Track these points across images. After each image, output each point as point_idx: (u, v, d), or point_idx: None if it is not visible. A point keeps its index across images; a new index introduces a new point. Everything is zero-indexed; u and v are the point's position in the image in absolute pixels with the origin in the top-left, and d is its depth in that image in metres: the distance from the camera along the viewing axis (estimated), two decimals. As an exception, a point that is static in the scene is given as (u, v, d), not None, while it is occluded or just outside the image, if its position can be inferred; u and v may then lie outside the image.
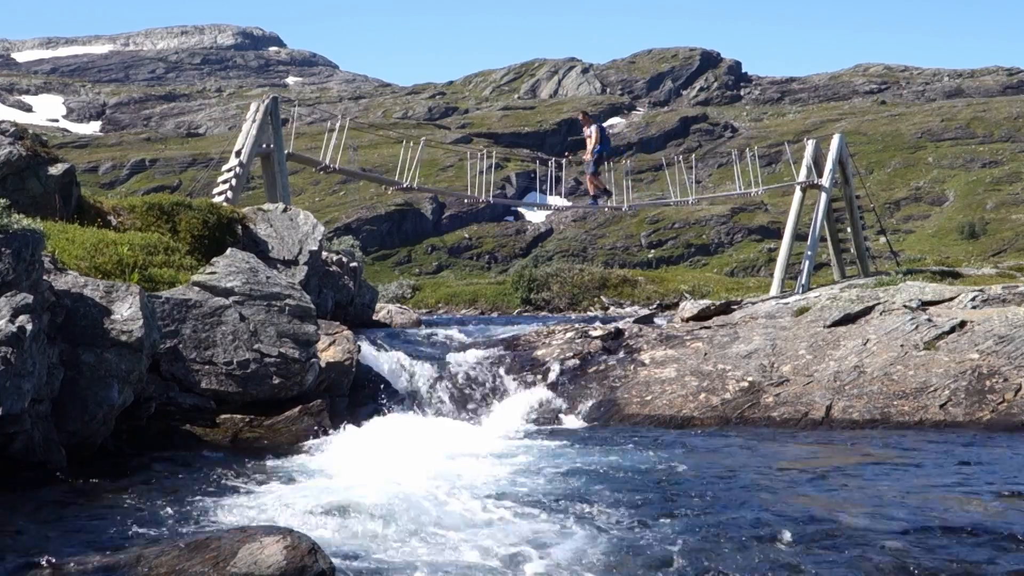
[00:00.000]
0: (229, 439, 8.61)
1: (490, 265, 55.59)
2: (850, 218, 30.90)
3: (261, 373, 8.92)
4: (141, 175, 67.44)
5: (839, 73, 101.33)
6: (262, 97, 19.82)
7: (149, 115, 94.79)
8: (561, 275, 36.51)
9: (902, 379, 10.63)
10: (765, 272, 46.40)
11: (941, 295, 13.55)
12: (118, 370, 7.35)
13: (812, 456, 8.50)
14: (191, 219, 13.02)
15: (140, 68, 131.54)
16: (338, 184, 62.04)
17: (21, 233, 6.92)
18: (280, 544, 4.48)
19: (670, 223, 57.74)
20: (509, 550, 5.19)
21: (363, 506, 5.99)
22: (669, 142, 76.83)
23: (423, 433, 9.24)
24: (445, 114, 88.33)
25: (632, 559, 5.05)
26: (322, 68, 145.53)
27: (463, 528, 5.61)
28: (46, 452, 6.74)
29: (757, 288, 34.95)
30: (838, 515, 6.02)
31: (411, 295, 40.47)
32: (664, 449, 8.69)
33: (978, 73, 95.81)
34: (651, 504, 6.30)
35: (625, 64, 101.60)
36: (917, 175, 65.28)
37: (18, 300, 6.54)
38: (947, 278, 27.66)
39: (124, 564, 4.57)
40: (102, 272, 9.40)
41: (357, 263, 16.58)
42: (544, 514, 6.00)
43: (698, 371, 11.39)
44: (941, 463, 7.86)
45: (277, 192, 20.01)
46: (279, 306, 9.33)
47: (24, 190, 11.32)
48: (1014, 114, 72.95)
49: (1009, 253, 48.42)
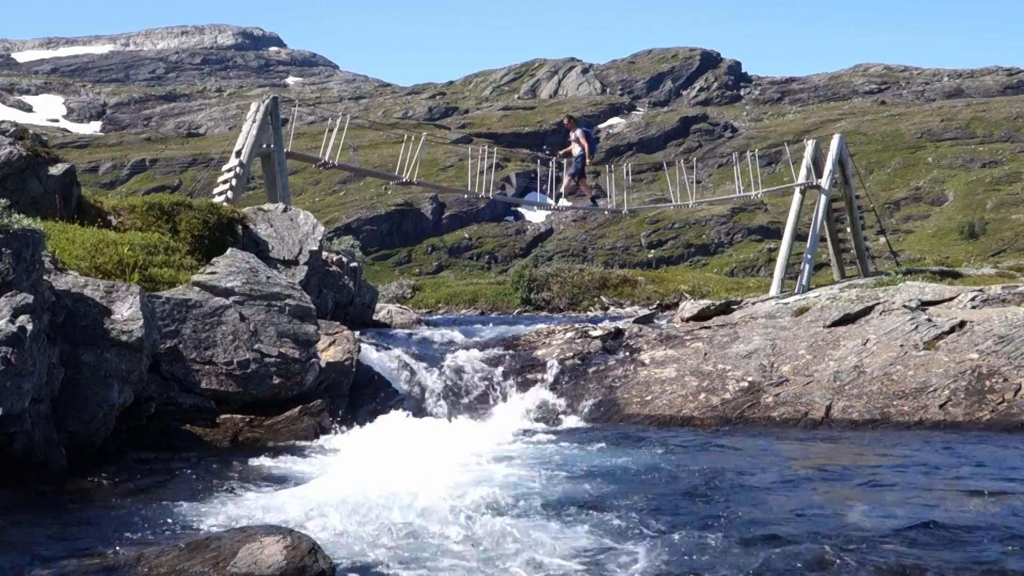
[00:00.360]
0: (229, 439, 8.61)
1: (490, 265, 55.59)
2: (850, 218, 30.89)
3: (261, 373, 8.92)
4: (141, 175, 67.44)
5: (839, 73, 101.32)
6: (262, 97, 19.82)
7: (149, 115, 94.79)
8: (561, 275, 36.49)
9: (902, 379, 10.63)
10: (765, 272, 46.39)
11: (941, 295, 13.56)
12: (118, 370, 7.36)
13: (812, 456, 8.51)
14: (191, 219, 13.02)
15: (140, 68, 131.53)
16: (338, 184, 62.06)
17: (21, 233, 6.92)
18: (280, 544, 4.49)
19: (670, 223, 57.73)
20: (510, 550, 5.20)
21: (363, 506, 6.00)
22: (669, 142, 76.82)
23: (423, 433, 9.24)
24: (445, 114, 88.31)
25: (632, 558, 5.06)
26: (322, 68, 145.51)
27: (463, 528, 5.61)
28: (46, 452, 6.74)
29: (757, 288, 34.94)
30: (838, 515, 6.03)
31: (411, 295, 40.46)
32: (664, 449, 8.69)
33: (978, 73, 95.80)
34: (651, 503, 6.30)
35: (625, 64, 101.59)
36: (917, 175, 65.28)
37: (18, 300, 6.55)
38: (947, 278, 27.65)
39: (124, 564, 4.58)
40: (102, 272, 9.40)
41: (357, 263, 16.59)
42: (544, 514, 6.01)
43: (698, 371, 11.40)
44: (941, 463, 7.86)
45: (277, 192, 20.01)
46: (279, 306, 9.33)
47: (24, 190, 11.33)
48: (1014, 114, 72.93)
49: (1009, 253, 48.40)
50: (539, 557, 5.08)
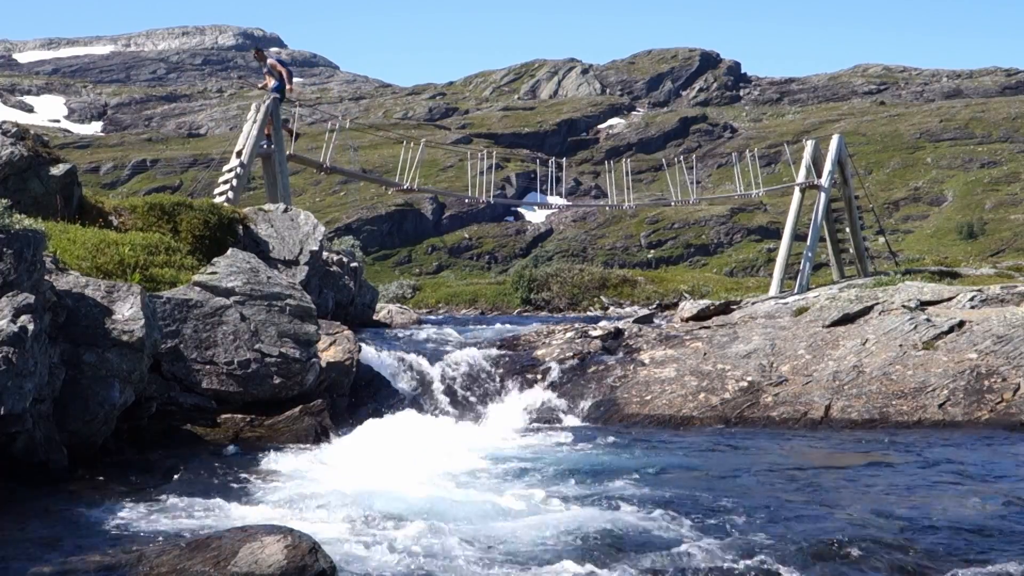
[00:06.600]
0: (230, 439, 8.63)
1: (490, 265, 55.59)
2: (849, 218, 30.93)
3: (262, 373, 8.94)
4: (142, 175, 67.44)
5: (838, 74, 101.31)
6: (263, 98, 19.81)
7: (150, 116, 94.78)
8: (561, 275, 36.47)
9: (901, 379, 10.65)
10: (764, 272, 46.39)
11: (940, 295, 13.57)
12: (119, 370, 7.38)
13: (811, 455, 8.53)
14: (192, 219, 13.03)
15: (141, 69, 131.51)
16: (338, 184, 62.04)
17: (23, 233, 6.94)
18: (281, 543, 4.51)
19: (670, 223, 57.73)
20: (510, 550, 5.22)
21: (364, 505, 6.02)
22: (669, 142, 76.82)
23: (423, 433, 9.25)
24: (445, 114, 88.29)
25: (633, 557, 5.08)
26: (322, 69, 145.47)
27: (463, 528, 5.63)
28: (47, 451, 6.76)
29: (756, 288, 34.93)
30: (837, 514, 6.05)
31: (411, 295, 40.46)
32: (663, 448, 8.71)
33: (977, 74, 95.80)
34: (651, 503, 6.32)
35: (625, 65, 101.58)
36: (916, 175, 65.28)
37: (20, 300, 6.57)
38: (946, 278, 27.69)
39: (125, 563, 4.59)
40: (103, 272, 9.42)
41: (357, 263, 16.59)
42: (545, 512, 6.03)
43: (697, 371, 11.42)
44: (939, 462, 7.88)
45: (278, 192, 20.01)
46: (280, 306, 9.35)
47: (26, 190, 11.35)
48: (1012, 114, 72.92)
49: (1007, 253, 48.42)
50: (541, 555, 5.10)
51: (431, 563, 4.95)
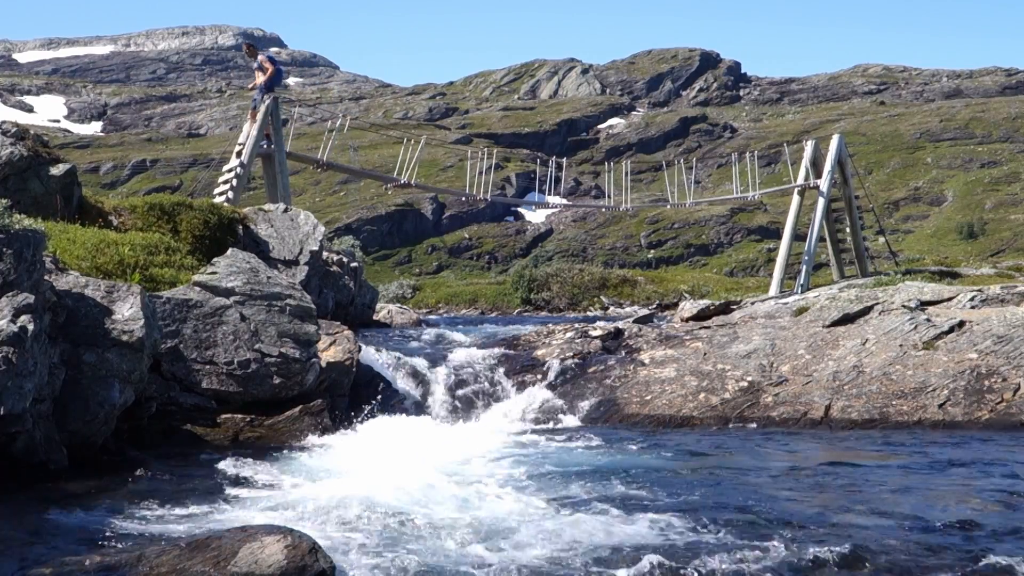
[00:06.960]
0: (230, 439, 8.63)
1: (490, 265, 55.61)
2: (849, 218, 30.96)
3: (262, 373, 8.94)
4: (142, 175, 67.47)
5: (838, 74, 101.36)
6: (262, 98, 19.80)
7: (150, 115, 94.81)
8: (561, 275, 36.49)
9: (901, 379, 10.65)
10: (764, 272, 46.43)
11: (940, 295, 13.57)
12: (119, 370, 7.37)
13: (811, 455, 8.53)
14: (192, 219, 13.03)
15: (141, 69, 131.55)
16: (338, 184, 62.07)
17: (22, 233, 6.94)
18: (281, 543, 4.50)
19: (670, 223, 57.76)
20: (510, 549, 5.21)
21: (363, 505, 6.02)
22: (669, 143, 76.88)
23: (423, 433, 9.26)
24: (445, 114, 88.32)
25: (632, 556, 5.07)
26: (323, 69, 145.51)
27: (463, 528, 5.63)
28: (47, 452, 6.76)
29: (756, 288, 34.95)
30: (837, 514, 6.05)
31: (411, 295, 40.48)
32: (663, 448, 8.71)
33: (977, 74, 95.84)
34: (651, 503, 6.32)
35: (625, 65, 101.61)
36: (916, 175, 65.31)
37: (20, 300, 6.56)
38: (946, 278, 27.70)
39: (125, 564, 4.59)
40: (103, 272, 9.41)
41: (357, 263, 16.60)
42: (545, 513, 6.02)
43: (697, 371, 11.41)
44: (940, 462, 7.88)
45: (278, 192, 20.04)
46: (280, 306, 9.35)
47: (26, 190, 11.35)
48: (1012, 114, 72.97)
49: (1007, 253, 48.45)
50: (542, 553, 5.10)
51: (431, 564, 4.95)
